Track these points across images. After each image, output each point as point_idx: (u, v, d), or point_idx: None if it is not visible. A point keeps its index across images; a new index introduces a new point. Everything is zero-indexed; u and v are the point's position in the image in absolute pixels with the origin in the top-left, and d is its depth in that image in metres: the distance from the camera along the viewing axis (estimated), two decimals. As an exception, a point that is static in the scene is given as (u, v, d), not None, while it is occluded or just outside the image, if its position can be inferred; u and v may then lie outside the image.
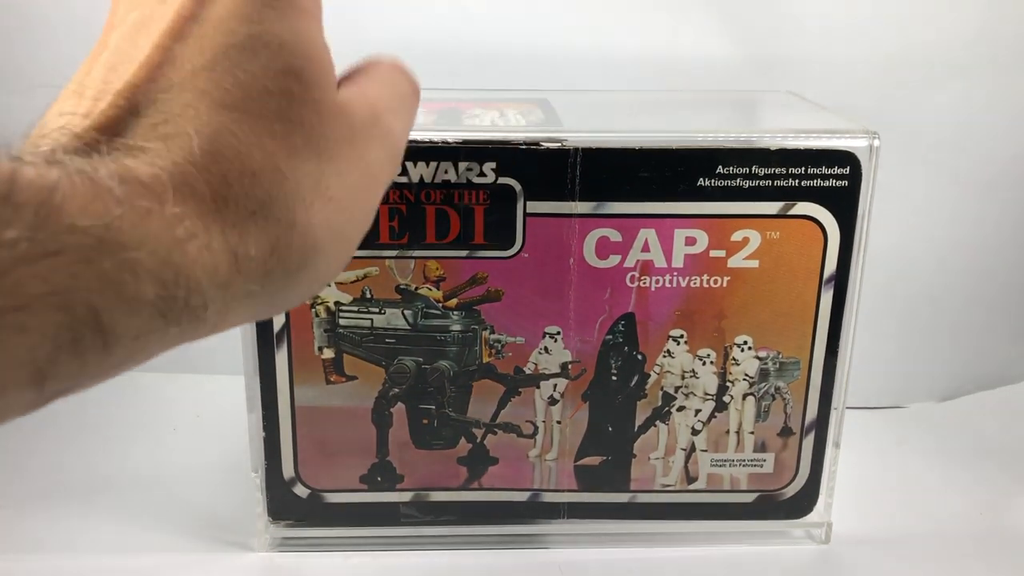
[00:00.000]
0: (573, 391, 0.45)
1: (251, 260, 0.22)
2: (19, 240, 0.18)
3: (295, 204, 0.23)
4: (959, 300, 0.63)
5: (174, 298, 0.21)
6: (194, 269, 0.21)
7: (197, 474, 0.53)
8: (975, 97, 0.58)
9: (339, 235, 0.25)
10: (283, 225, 0.23)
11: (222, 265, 0.22)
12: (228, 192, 0.22)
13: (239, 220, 0.22)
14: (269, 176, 0.23)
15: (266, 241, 0.23)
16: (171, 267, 0.21)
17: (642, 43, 0.57)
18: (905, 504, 0.52)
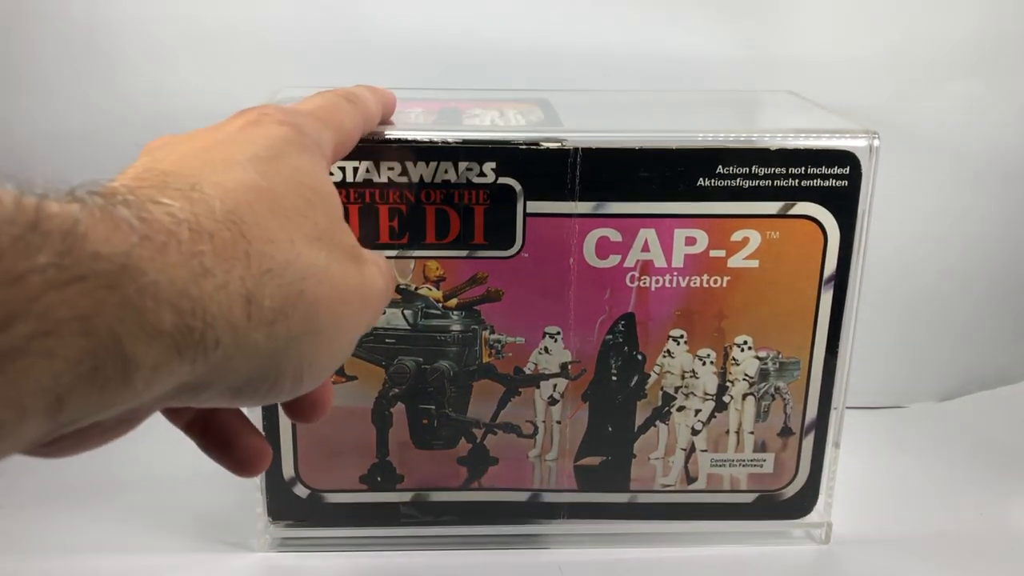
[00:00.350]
0: (573, 391, 0.45)
1: (262, 310, 0.24)
2: (48, 266, 0.19)
3: (306, 276, 0.26)
4: (959, 300, 0.63)
5: (191, 329, 0.22)
6: (210, 304, 0.22)
7: (197, 474, 0.53)
8: (975, 97, 0.58)
9: (335, 324, 0.27)
10: (293, 290, 0.25)
11: (236, 307, 0.23)
12: (249, 248, 0.24)
13: (255, 272, 0.24)
14: (285, 247, 0.25)
15: (277, 298, 0.24)
16: (188, 298, 0.22)
17: (642, 43, 0.57)
18: (905, 504, 0.52)
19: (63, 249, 0.19)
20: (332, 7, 0.56)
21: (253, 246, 0.24)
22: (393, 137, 0.40)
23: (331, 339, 0.27)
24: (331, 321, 0.27)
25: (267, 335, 0.24)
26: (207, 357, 0.23)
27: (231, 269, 0.23)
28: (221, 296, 0.23)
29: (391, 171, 0.40)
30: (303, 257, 0.26)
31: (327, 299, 0.27)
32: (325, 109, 0.33)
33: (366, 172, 0.40)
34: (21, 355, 0.18)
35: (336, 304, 0.27)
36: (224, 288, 0.23)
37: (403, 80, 0.56)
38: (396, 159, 0.40)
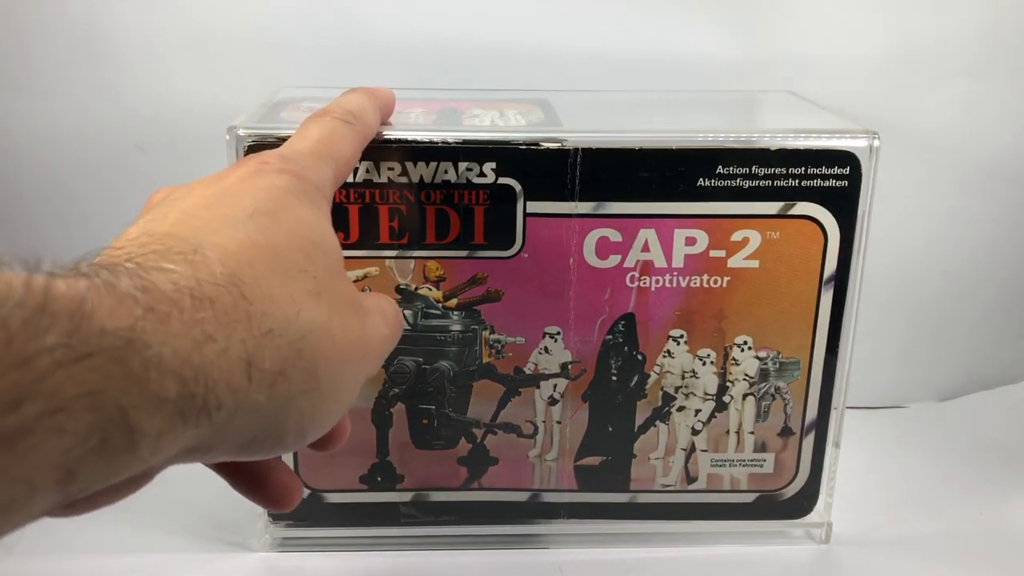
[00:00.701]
0: (573, 391, 0.45)
1: (262, 372, 0.24)
2: (56, 346, 0.19)
3: (305, 335, 0.26)
4: (959, 300, 0.63)
5: (193, 396, 0.22)
6: (211, 370, 0.23)
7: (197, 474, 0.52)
8: (975, 97, 0.58)
9: (337, 379, 0.28)
10: (292, 350, 0.25)
11: (236, 371, 0.23)
12: (249, 309, 0.24)
13: (255, 335, 0.24)
14: (285, 305, 0.26)
15: (277, 359, 0.25)
16: (191, 366, 0.22)
17: (642, 43, 0.57)
18: (905, 504, 0.52)
19: (71, 328, 0.20)
20: (332, 7, 0.56)
21: (254, 307, 0.24)
22: (393, 137, 0.40)
23: (332, 393, 0.28)
24: (331, 376, 0.27)
25: (268, 396, 0.25)
26: (210, 420, 0.23)
27: (232, 333, 0.24)
28: (223, 361, 0.23)
29: (391, 171, 0.40)
30: (303, 315, 0.26)
31: (327, 356, 0.27)
32: (323, 143, 0.33)
33: (366, 172, 0.40)
34: (30, 434, 0.19)
35: (336, 359, 0.27)
36: (225, 353, 0.23)
37: (403, 80, 0.56)
38: (396, 159, 0.40)
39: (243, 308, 0.24)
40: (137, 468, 0.22)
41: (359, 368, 0.29)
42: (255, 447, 0.26)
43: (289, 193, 0.29)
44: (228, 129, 0.39)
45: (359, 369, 0.29)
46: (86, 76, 0.56)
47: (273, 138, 0.39)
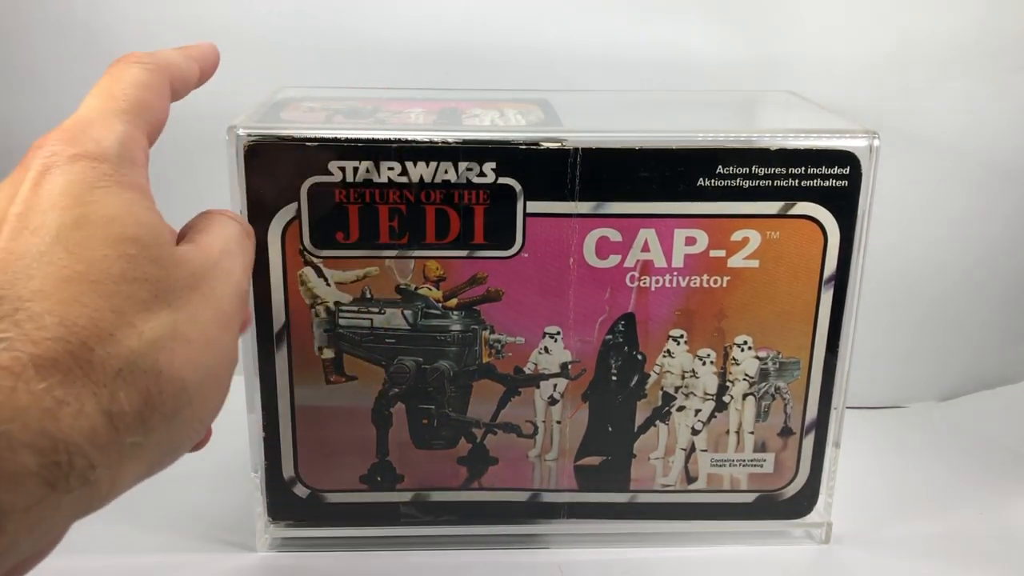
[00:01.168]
0: (573, 391, 0.45)
1: (126, 415, 0.23)
2: None
3: (157, 354, 0.25)
4: (959, 300, 0.63)
5: (57, 464, 0.21)
6: (71, 434, 0.22)
7: (197, 474, 0.53)
8: (975, 97, 0.58)
9: (208, 373, 0.27)
10: (150, 376, 0.24)
11: (99, 426, 0.23)
12: (91, 356, 0.23)
13: (107, 380, 0.23)
14: (126, 332, 0.24)
15: (136, 394, 0.24)
16: (46, 436, 0.21)
17: (642, 43, 0.57)
18: (905, 504, 0.52)
19: None
20: (332, 7, 0.56)
21: (96, 352, 0.23)
22: (393, 137, 0.40)
23: (211, 387, 0.27)
24: (202, 377, 0.26)
25: (143, 433, 0.24)
26: (88, 479, 0.22)
27: (82, 389, 0.23)
28: (81, 422, 0.22)
29: (391, 171, 0.40)
30: (147, 334, 0.25)
31: (188, 360, 0.26)
32: (113, 96, 0.29)
33: (366, 172, 0.40)
34: None
35: (198, 355, 0.26)
36: (82, 412, 0.22)
37: (403, 80, 0.56)
38: (396, 159, 0.40)
39: (85, 357, 0.23)
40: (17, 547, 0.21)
41: (227, 342, 0.28)
42: (156, 469, 0.26)
43: (89, 188, 0.26)
44: (228, 129, 0.39)
45: (227, 343, 0.28)
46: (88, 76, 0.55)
47: (273, 138, 0.39)
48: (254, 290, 0.42)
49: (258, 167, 0.40)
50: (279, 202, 0.40)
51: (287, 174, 0.40)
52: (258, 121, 0.41)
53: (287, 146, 0.39)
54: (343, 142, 0.40)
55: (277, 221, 0.41)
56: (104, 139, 0.27)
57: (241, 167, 0.39)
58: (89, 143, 0.27)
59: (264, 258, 0.41)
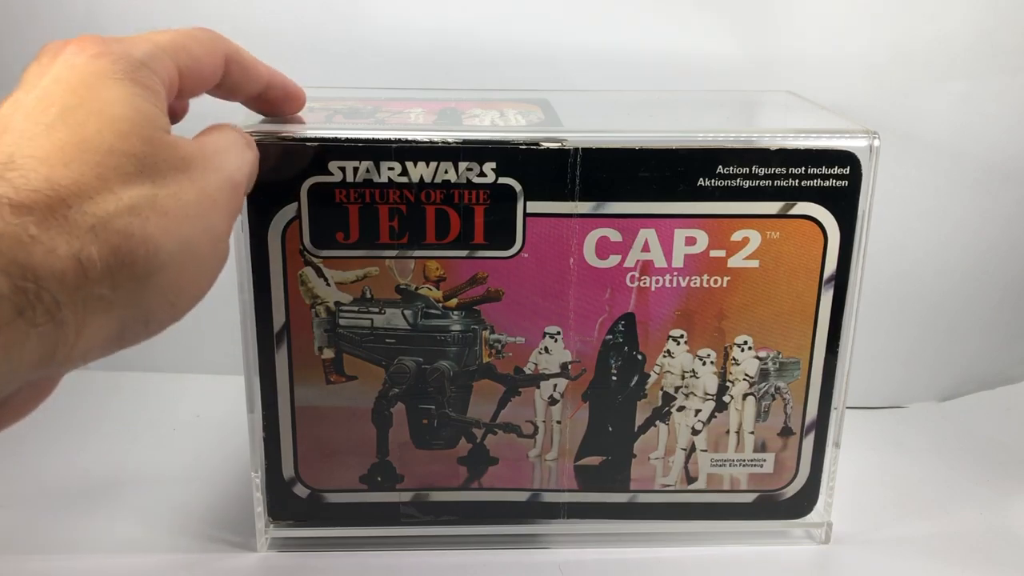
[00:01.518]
0: (573, 391, 0.45)
1: (95, 265, 0.25)
2: None
3: (131, 217, 0.27)
4: (959, 300, 0.63)
5: (24, 291, 0.24)
6: (41, 269, 0.24)
7: (197, 474, 0.53)
8: (975, 97, 0.58)
9: (185, 245, 0.28)
10: (122, 235, 0.26)
11: (68, 269, 0.25)
12: (67, 211, 0.25)
13: (80, 232, 0.25)
14: (105, 197, 0.26)
15: (108, 249, 0.26)
16: (17, 264, 0.24)
17: (642, 43, 0.57)
18: (905, 504, 0.52)
19: None
20: (332, 7, 0.56)
21: (72, 208, 0.25)
22: (393, 137, 0.40)
23: (187, 262, 0.29)
24: (177, 247, 0.28)
25: (111, 287, 0.26)
26: (54, 315, 0.24)
27: (55, 234, 0.25)
28: (52, 260, 0.24)
29: (391, 171, 0.40)
30: (124, 200, 0.27)
31: (165, 230, 0.28)
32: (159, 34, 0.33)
33: (366, 172, 0.40)
34: None
35: (177, 228, 0.28)
36: (53, 253, 0.24)
37: (403, 80, 0.56)
38: (396, 159, 0.40)
39: (62, 211, 0.25)
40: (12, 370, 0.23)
41: (210, 222, 0.30)
42: (128, 336, 0.27)
43: (99, 76, 0.29)
44: (228, 129, 0.39)
45: (211, 223, 0.30)
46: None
47: (273, 138, 0.39)
48: (254, 290, 0.42)
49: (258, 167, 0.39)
50: (279, 202, 0.40)
51: (287, 174, 0.40)
52: (258, 121, 0.41)
53: (287, 146, 0.39)
54: (343, 142, 0.40)
55: (277, 221, 0.41)
56: (132, 48, 0.30)
57: (241, 167, 0.39)
58: (115, 46, 0.30)
59: (264, 258, 0.41)
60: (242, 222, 0.40)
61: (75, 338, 0.25)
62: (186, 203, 0.29)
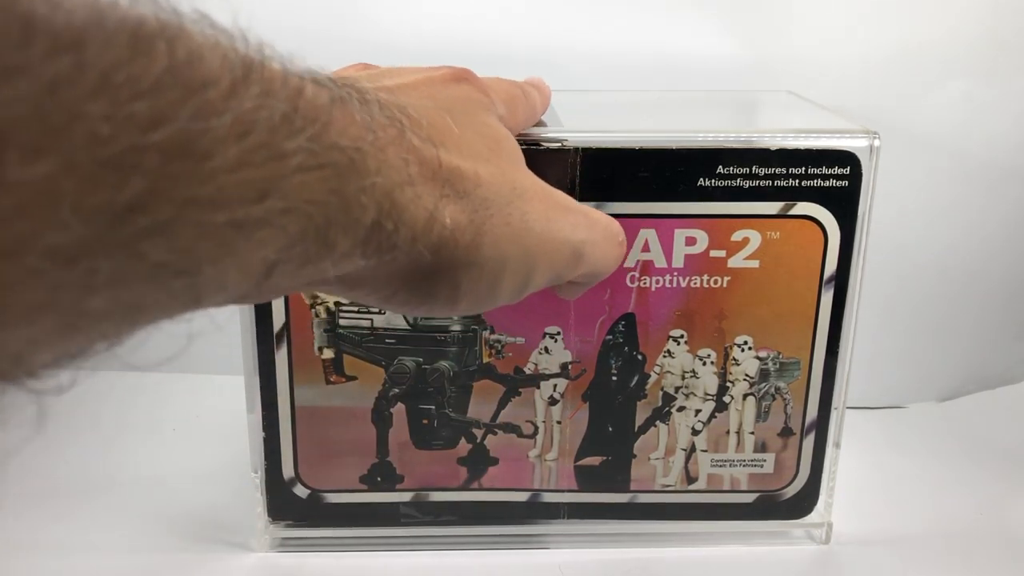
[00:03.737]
0: (573, 391, 0.45)
1: (440, 228, 0.26)
2: (303, 149, 0.20)
3: (481, 207, 0.27)
4: (959, 300, 0.63)
5: (382, 228, 0.23)
6: (403, 210, 0.24)
7: (197, 474, 0.53)
8: (975, 97, 0.58)
9: (501, 262, 0.28)
10: (468, 219, 0.27)
11: (421, 219, 0.25)
12: (438, 169, 0.26)
13: (440, 195, 0.26)
14: (471, 178, 0.27)
15: (454, 223, 0.26)
16: (390, 199, 0.24)
17: (642, 43, 0.57)
18: (905, 504, 0.52)
19: (314, 134, 0.21)
20: (332, 7, 0.56)
21: (442, 169, 0.26)
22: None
23: (495, 276, 0.28)
24: (498, 257, 0.28)
25: (433, 253, 0.26)
26: (381, 257, 0.24)
27: (424, 183, 0.25)
28: (414, 207, 0.24)
29: (391, 171, 0.40)
30: (483, 188, 0.27)
31: (498, 236, 0.28)
32: (510, 94, 0.35)
33: (366, 172, 0.40)
34: (264, 226, 0.20)
35: (504, 242, 0.28)
36: (418, 200, 0.25)
37: (403, 80, 0.56)
38: (396, 159, 0.40)
39: (434, 166, 0.25)
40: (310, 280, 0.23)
41: (532, 262, 0.30)
42: (400, 301, 0.27)
43: (481, 106, 0.31)
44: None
45: (534, 261, 0.30)
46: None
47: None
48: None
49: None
50: (279, 202, 0.40)
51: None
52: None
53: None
54: (343, 142, 0.40)
55: (277, 221, 0.41)
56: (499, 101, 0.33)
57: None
58: (490, 95, 0.32)
59: (264, 258, 0.41)
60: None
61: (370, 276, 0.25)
62: (528, 229, 0.29)
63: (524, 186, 0.29)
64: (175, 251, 0.18)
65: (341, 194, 0.22)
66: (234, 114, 0.18)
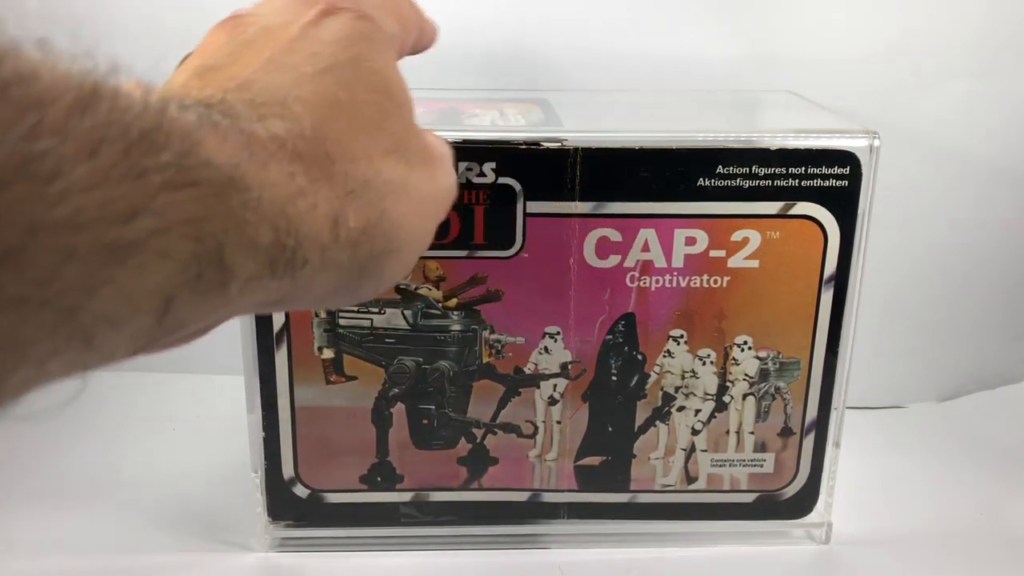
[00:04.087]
0: (573, 391, 0.45)
1: (347, 230, 0.25)
2: (168, 165, 0.19)
3: (386, 195, 0.26)
4: (959, 300, 0.63)
5: (284, 247, 0.23)
6: (302, 224, 0.23)
7: (197, 474, 0.53)
8: (975, 97, 0.58)
9: (413, 237, 0.28)
10: (375, 209, 0.26)
11: (323, 228, 0.24)
12: (332, 168, 0.24)
13: (340, 194, 0.25)
14: (365, 164, 0.26)
15: (362, 217, 0.25)
16: (285, 217, 0.22)
17: (642, 43, 0.57)
18: (905, 504, 0.52)
19: (182, 151, 0.20)
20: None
21: (336, 166, 0.25)
22: (393, 137, 0.40)
23: (408, 250, 0.28)
24: (410, 234, 0.28)
25: (350, 255, 0.25)
26: (295, 275, 0.23)
27: (319, 190, 0.24)
28: (312, 217, 0.23)
29: (391, 171, 0.40)
30: (382, 175, 0.26)
31: (407, 214, 0.27)
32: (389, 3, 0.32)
33: (366, 172, 0.40)
34: (140, 250, 0.19)
35: (415, 217, 0.28)
36: (315, 209, 0.24)
37: (403, 80, 0.56)
38: (396, 159, 0.40)
39: (327, 168, 0.24)
40: (220, 312, 0.22)
41: (433, 222, 0.30)
42: (329, 300, 0.27)
43: (365, 41, 0.28)
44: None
45: (433, 223, 0.30)
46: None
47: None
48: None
49: None
50: (279, 202, 0.40)
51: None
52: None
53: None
54: (343, 142, 0.40)
55: (277, 221, 0.40)
56: (382, 19, 0.29)
57: (241, 167, 0.39)
58: (371, 14, 0.29)
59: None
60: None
61: (300, 293, 0.25)
62: (425, 195, 0.28)
63: (411, 150, 0.28)
64: (35, 281, 0.17)
65: (225, 214, 0.21)
66: (79, 132, 0.18)
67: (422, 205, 0.28)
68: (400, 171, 0.27)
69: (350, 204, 0.25)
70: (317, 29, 0.27)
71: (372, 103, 0.27)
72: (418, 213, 0.28)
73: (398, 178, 0.27)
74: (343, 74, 0.26)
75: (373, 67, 0.27)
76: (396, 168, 0.27)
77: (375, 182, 0.26)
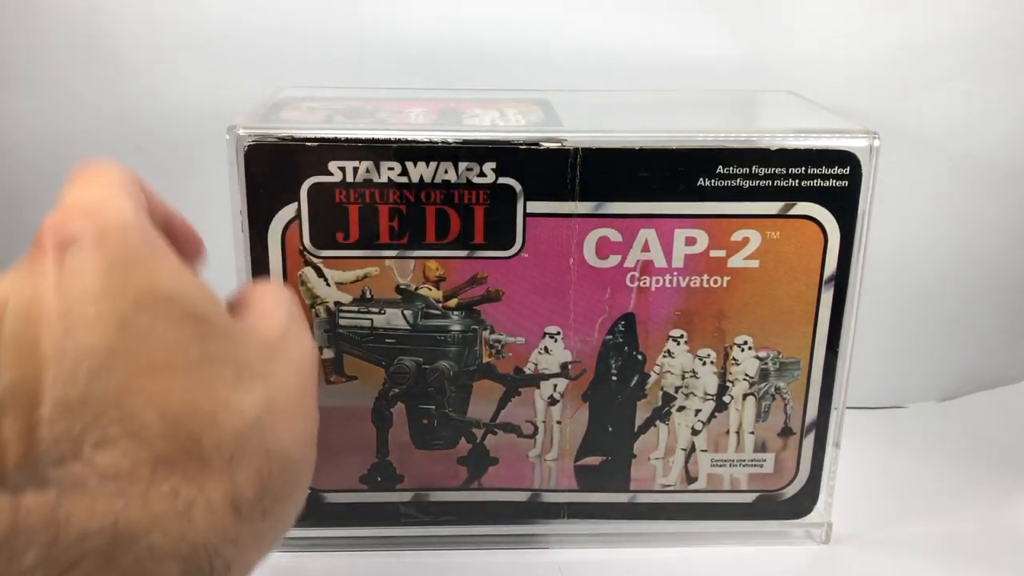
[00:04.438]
0: (573, 391, 0.45)
1: (249, 503, 0.23)
2: (38, 564, 0.18)
3: (262, 431, 0.24)
4: (959, 300, 0.63)
5: (200, 570, 0.21)
6: (207, 535, 0.21)
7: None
8: (975, 97, 0.58)
9: (305, 441, 0.26)
10: (260, 455, 0.23)
11: (228, 521, 0.22)
12: (201, 449, 0.22)
13: (224, 468, 0.22)
14: (228, 417, 0.23)
15: (254, 477, 0.23)
16: (186, 542, 0.21)
17: (642, 43, 0.57)
18: (905, 504, 0.52)
19: (48, 540, 0.18)
20: (332, 7, 0.56)
21: (203, 443, 0.22)
22: (393, 137, 0.40)
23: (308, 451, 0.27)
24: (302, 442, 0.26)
25: (262, 517, 0.23)
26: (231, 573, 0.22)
27: (205, 483, 0.22)
28: (212, 518, 0.21)
29: (391, 171, 0.40)
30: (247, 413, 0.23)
31: (288, 431, 0.25)
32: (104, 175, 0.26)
33: (366, 172, 0.40)
34: None
35: (295, 423, 0.26)
36: (211, 509, 0.22)
37: (403, 80, 0.56)
38: (396, 159, 0.40)
39: (195, 450, 0.22)
40: None
41: (311, 402, 0.28)
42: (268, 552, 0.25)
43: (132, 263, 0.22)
44: (228, 129, 0.39)
45: (312, 402, 0.28)
46: (86, 76, 0.56)
47: (273, 138, 0.39)
48: (254, 290, 0.42)
49: (258, 167, 0.40)
50: (279, 202, 0.40)
51: (287, 174, 0.40)
52: (258, 121, 0.41)
53: (287, 146, 0.39)
54: (343, 142, 0.40)
55: (277, 221, 0.41)
56: (121, 207, 0.24)
57: (241, 167, 0.39)
58: (109, 213, 0.23)
59: (264, 259, 0.41)
60: (242, 222, 0.40)
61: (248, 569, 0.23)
62: (294, 393, 0.26)
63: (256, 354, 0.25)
64: None
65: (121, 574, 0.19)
66: None
67: (296, 405, 0.26)
68: (258, 394, 0.24)
69: (238, 472, 0.22)
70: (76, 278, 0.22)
71: (189, 338, 0.23)
72: (297, 417, 0.26)
73: (261, 404, 0.24)
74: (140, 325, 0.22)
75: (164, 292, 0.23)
76: (252, 393, 0.24)
77: (244, 428, 0.23)
